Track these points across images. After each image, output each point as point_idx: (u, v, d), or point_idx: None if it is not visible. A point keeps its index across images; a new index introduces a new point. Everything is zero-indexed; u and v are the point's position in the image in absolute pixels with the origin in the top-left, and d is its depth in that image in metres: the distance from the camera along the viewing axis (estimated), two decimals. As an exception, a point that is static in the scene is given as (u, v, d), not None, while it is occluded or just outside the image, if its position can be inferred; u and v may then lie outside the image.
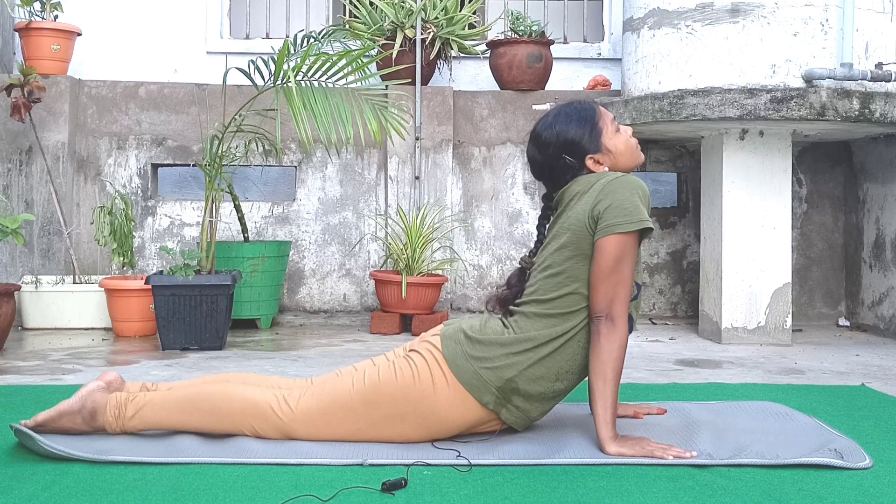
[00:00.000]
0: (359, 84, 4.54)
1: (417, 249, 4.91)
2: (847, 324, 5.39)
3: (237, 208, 4.95)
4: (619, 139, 2.55)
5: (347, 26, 5.36)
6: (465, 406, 2.43)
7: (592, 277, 2.41)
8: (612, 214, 2.39)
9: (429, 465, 2.29)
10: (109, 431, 2.45)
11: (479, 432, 2.50)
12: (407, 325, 4.93)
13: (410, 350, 2.52)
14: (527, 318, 2.47)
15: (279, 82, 4.30)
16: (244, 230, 5.00)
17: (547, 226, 2.61)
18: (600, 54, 5.98)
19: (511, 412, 2.46)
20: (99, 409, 2.44)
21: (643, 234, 2.43)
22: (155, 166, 5.43)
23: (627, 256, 2.39)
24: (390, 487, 2.09)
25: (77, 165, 5.30)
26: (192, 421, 2.45)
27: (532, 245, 2.74)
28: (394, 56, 5.19)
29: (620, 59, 5.24)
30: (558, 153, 2.53)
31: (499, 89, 5.52)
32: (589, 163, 2.52)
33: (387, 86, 4.92)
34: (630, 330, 2.49)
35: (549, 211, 2.61)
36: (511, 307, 2.54)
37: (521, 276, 2.60)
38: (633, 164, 2.58)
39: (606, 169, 2.52)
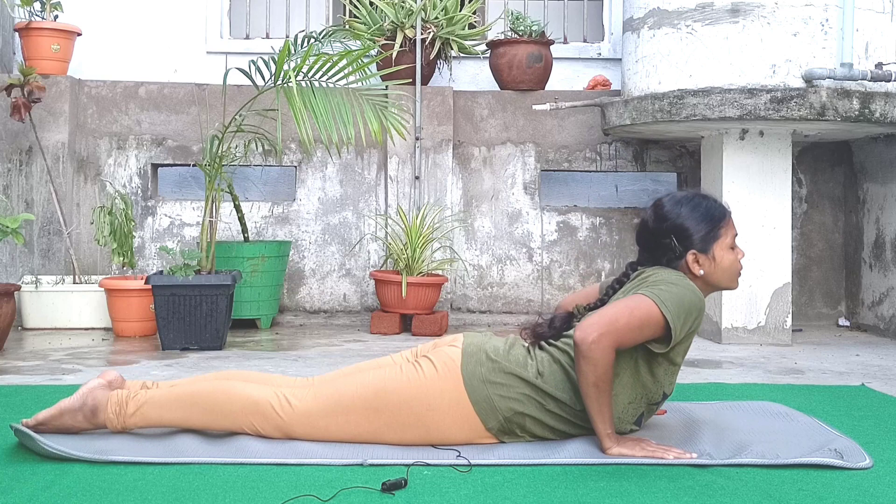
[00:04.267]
0: (359, 84, 4.54)
1: (417, 249, 4.91)
2: (847, 324, 5.39)
3: (237, 208, 4.95)
4: (729, 256, 2.51)
5: (347, 26, 5.36)
6: (469, 425, 2.42)
7: (605, 307, 2.40)
8: (657, 287, 2.38)
9: (429, 465, 2.29)
10: (110, 429, 2.45)
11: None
12: (407, 325, 4.93)
13: (422, 356, 2.50)
14: (552, 364, 2.45)
15: (279, 82, 4.30)
16: (244, 230, 5.00)
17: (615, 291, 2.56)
18: (600, 54, 5.98)
19: (512, 439, 2.46)
20: (100, 406, 2.44)
21: (665, 336, 2.36)
22: (155, 166, 5.43)
23: (639, 320, 2.33)
24: (390, 487, 2.09)
25: (77, 165, 5.30)
26: (192, 418, 2.44)
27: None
28: (394, 56, 5.19)
29: (620, 59, 5.24)
30: (669, 231, 2.49)
31: (499, 89, 5.52)
32: (689, 257, 2.48)
33: (387, 86, 4.92)
34: (662, 400, 2.49)
35: (625, 278, 2.56)
36: (544, 343, 2.52)
37: (566, 321, 2.55)
38: (726, 285, 2.53)
39: (702, 272, 2.47)
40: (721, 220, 2.51)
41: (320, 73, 4.37)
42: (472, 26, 5.64)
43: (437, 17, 5.32)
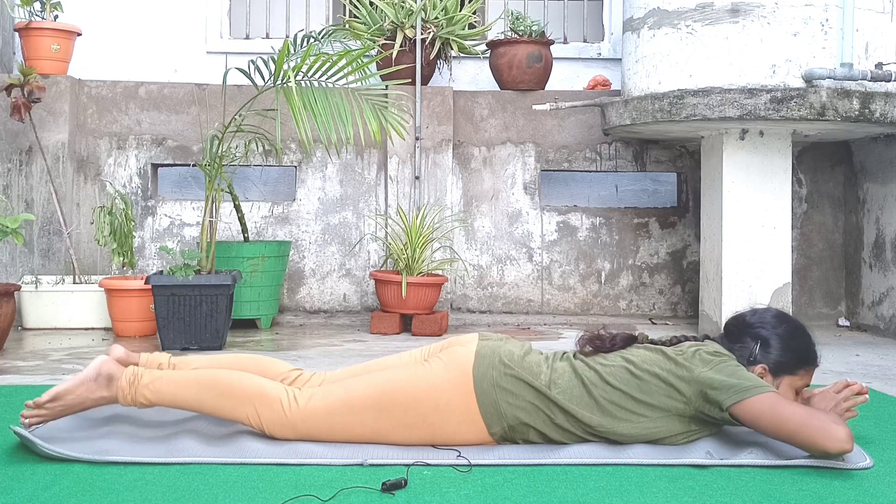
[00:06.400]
0: (359, 84, 4.53)
1: (417, 249, 4.91)
2: (847, 324, 5.39)
3: (237, 208, 4.95)
4: (788, 396, 2.48)
5: (347, 26, 5.36)
6: (474, 428, 2.42)
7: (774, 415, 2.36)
8: (738, 374, 2.37)
9: (429, 465, 2.29)
10: (121, 401, 2.47)
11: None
12: (407, 325, 4.93)
13: (433, 356, 2.49)
14: (573, 377, 2.43)
15: (279, 82, 4.30)
16: (244, 230, 5.00)
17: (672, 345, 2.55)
18: (600, 54, 5.98)
19: (512, 442, 2.47)
20: (115, 375, 2.47)
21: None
22: (155, 166, 5.43)
23: (784, 406, 2.32)
24: (390, 487, 2.09)
25: (77, 165, 5.31)
26: (203, 398, 2.45)
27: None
28: (394, 56, 5.19)
29: (620, 59, 5.24)
30: (757, 339, 2.49)
31: (499, 89, 5.52)
32: (758, 369, 2.46)
33: (387, 86, 4.92)
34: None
35: (696, 340, 2.56)
36: (570, 355, 2.51)
37: (626, 342, 2.54)
38: None
39: None
40: (806, 362, 2.50)
41: (320, 73, 4.36)
42: (472, 26, 5.64)
43: (437, 17, 5.32)
